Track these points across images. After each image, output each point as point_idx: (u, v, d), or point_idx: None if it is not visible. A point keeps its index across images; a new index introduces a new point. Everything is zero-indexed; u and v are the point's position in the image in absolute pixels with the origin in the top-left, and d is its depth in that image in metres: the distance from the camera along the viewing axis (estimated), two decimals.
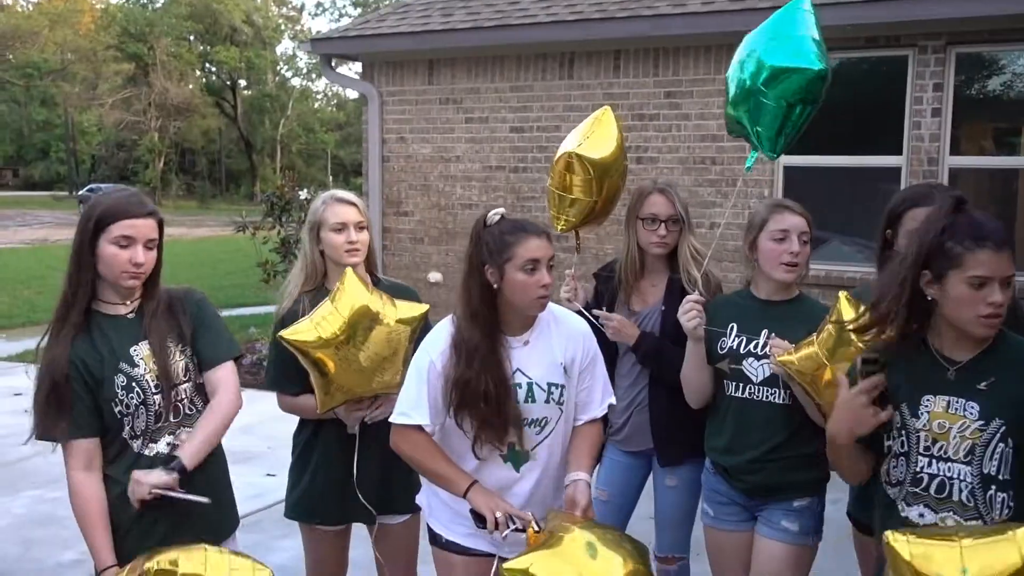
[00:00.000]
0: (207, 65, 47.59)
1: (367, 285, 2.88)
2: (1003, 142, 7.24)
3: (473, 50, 8.47)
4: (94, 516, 2.48)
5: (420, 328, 2.90)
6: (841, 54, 7.15)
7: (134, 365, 2.54)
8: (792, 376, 2.78)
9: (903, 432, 2.24)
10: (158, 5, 46.04)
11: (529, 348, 2.61)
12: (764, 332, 2.93)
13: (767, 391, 2.93)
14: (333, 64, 9.47)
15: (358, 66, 9.46)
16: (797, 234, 2.90)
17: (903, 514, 2.25)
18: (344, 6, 50.83)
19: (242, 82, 48.26)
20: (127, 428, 2.54)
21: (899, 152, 6.98)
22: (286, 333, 2.80)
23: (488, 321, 2.55)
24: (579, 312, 3.08)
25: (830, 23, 7.14)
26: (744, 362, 2.95)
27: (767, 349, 2.91)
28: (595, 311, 3.25)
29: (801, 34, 2.80)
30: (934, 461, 2.19)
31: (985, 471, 2.14)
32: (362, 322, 2.78)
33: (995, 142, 7.25)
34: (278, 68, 51.07)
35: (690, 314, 2.94)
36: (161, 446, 2.58)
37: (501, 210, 2.59)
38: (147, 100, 42.15)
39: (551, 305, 2.65)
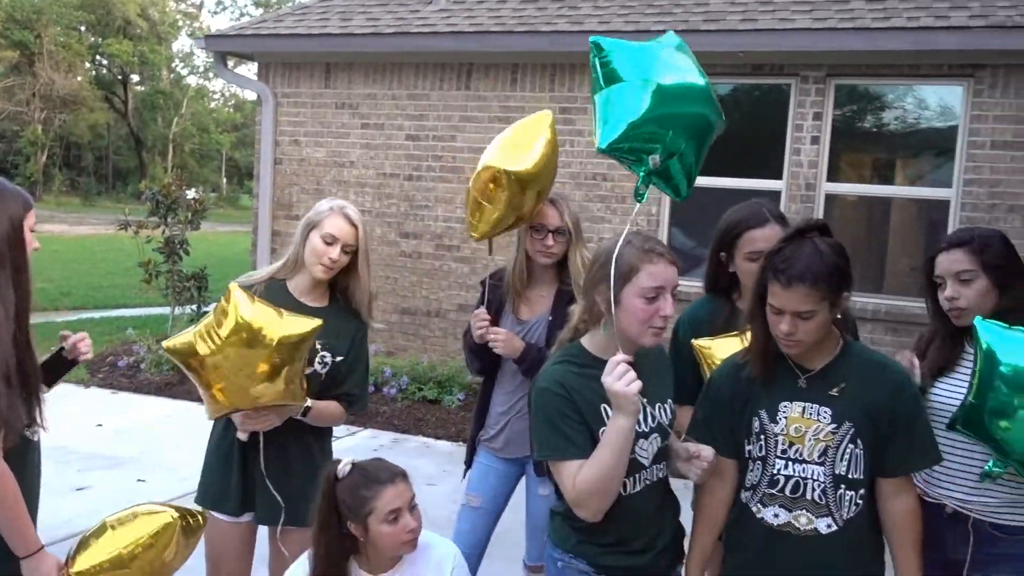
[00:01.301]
0: (98, 57, 45.89)
1: (254, 299, 2.81)
2: (877, 171, 7.61)
3: (371, 56, 8.44)
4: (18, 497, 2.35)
5: (311, 341, 2.86)
6: (729, 80, 7.41)
7: None
8: None
9: (762, 437, 2.37)
10: None
11: None
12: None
13: (656, 469, 2.42)
14: (228, 63, 9.29)
15: (255, 67, 9.29)
16: (671, 288, 2.31)
17: (758, 516, 2.36)
18: (245, 5, 49.86)
19: (134, 77, 46.69)
20: None
21: (779, 176, 7.27)
22: (167, 341, 2.83)
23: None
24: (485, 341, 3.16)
25: (720, 49, 7.44)
26: (636, 446, 2.31)
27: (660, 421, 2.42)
28: (490, 330, 3.20)
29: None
30: (790, 463, 2.32)
31: (837, 471, 2.28)
32: (240, 338, 2.73)
33: (870, 171, 7.62)
34: (173, 65, 49.64)
35: (630, 376, 2.14)
36: None
37: (350, 461, 2.52)
38: (31, 90, 40.39)
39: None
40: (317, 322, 2.83)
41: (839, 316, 2.32)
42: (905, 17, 6.71)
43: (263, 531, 3.14)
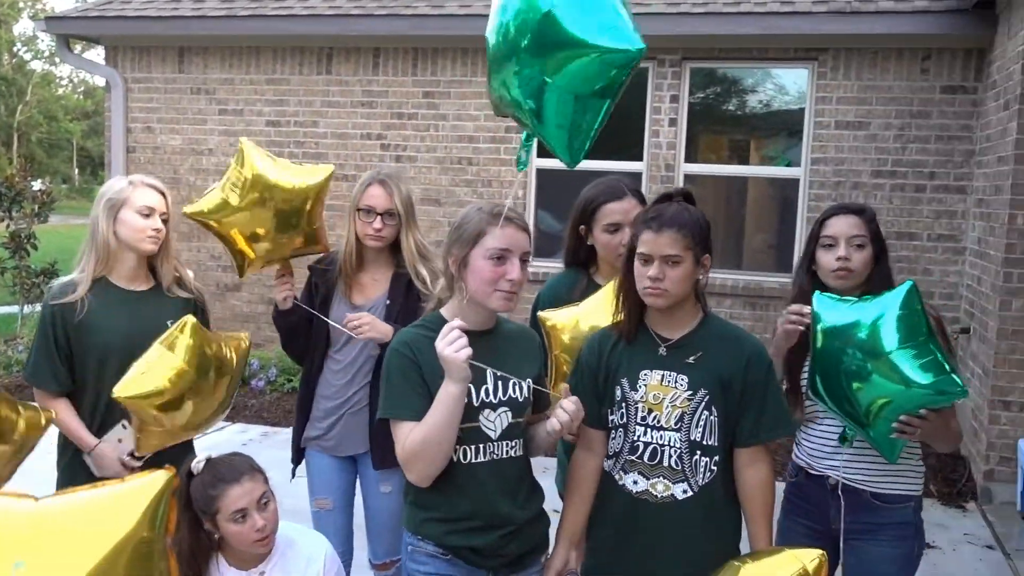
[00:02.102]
0: None
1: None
2: (733, 152, 7.89)
3: (227, 39, 8.17)
4: None
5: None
6: None
7: None
8: None
9: (624, 405, 2.43)
10: None
11: None
12: (489, 373, 2.33)
13: (507, 445, 2.38)
14: (74, 47, 8.82)
15: (104, 51, 8.85)
16: (520, 254, 2.32)
17: (620, 482, 2.43)
18: None
19: None
20: None
21: (640, 158, 7.45)
22: (117, 391, 2.67)
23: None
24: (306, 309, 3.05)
25: None
26: (480, 416, 2.32)
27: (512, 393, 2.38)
28: (349, 317, 3.04)
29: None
30: (649, 430, 2.40)
31: (692, 437, 2.37)
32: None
33: (727, 152, 7.90)
34: (15, 49, 46.79)
35: (460, 343, 2.17)
36: None
37: (205, 458, 2.50)
38: None
39: (284, 528, 2.54)
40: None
41: (699, 282, 2.40)
42: (753, 3, 6.97)
43: None
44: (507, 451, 2.37)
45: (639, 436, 2.41)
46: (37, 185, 8.90)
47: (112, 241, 2.91)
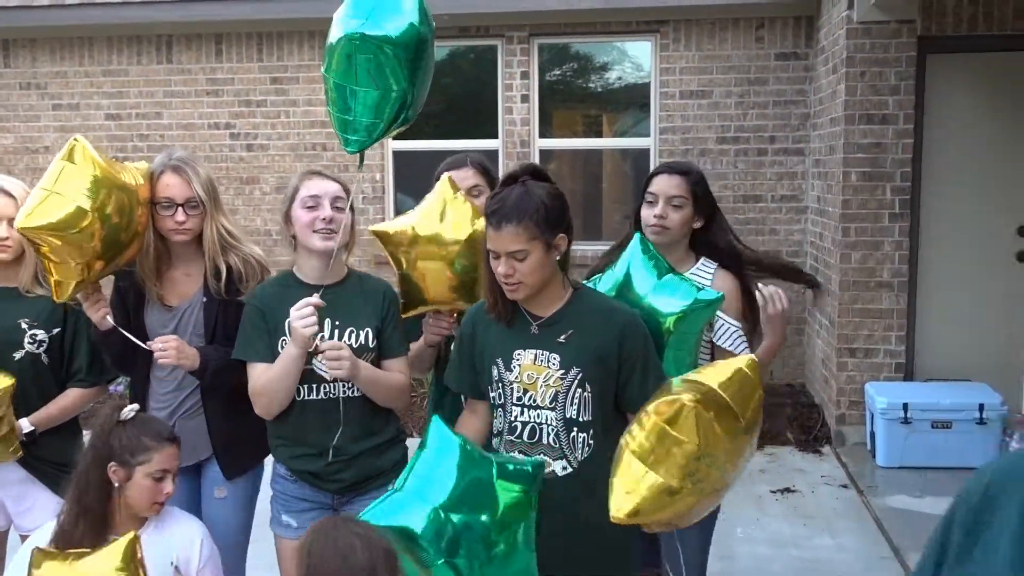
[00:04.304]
0: None
1: None
2: (587, 126, 8.04)
3: (56, 29, 7.73)
4: None
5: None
6: (439, 44, 7.49)
7: None
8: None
9: (500, 385, 2.44)
10: None
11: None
12: (328, 321, 2.64)
13: (343, 386, 2.67)
14: None
15: None
16: (329, 199, 2.64)
17: None
18: None
19: None
20: None
21: (495, 136, 7.49)
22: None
23: (97, 520, 2.44)
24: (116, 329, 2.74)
25: None
26: (315, 361, 2.62)
27: None
28: (150, 343, 2.74)
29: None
30: (525, 410, 2.41)
31: (567, 415, 2.38)
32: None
33: (580, 126, 8.04)
34: None
35: (308, 320, 2.51)
36: None
37: (135, 407, 2.53)
38: None
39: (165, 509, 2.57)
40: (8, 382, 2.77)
41: (559, 260, 2.39)
42: None
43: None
44: (343, 391, 2.67)
45: (516, 416, 2.41)
46: None
47: None
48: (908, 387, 5.72)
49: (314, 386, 2.66)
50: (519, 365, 2.41)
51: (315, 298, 2.51)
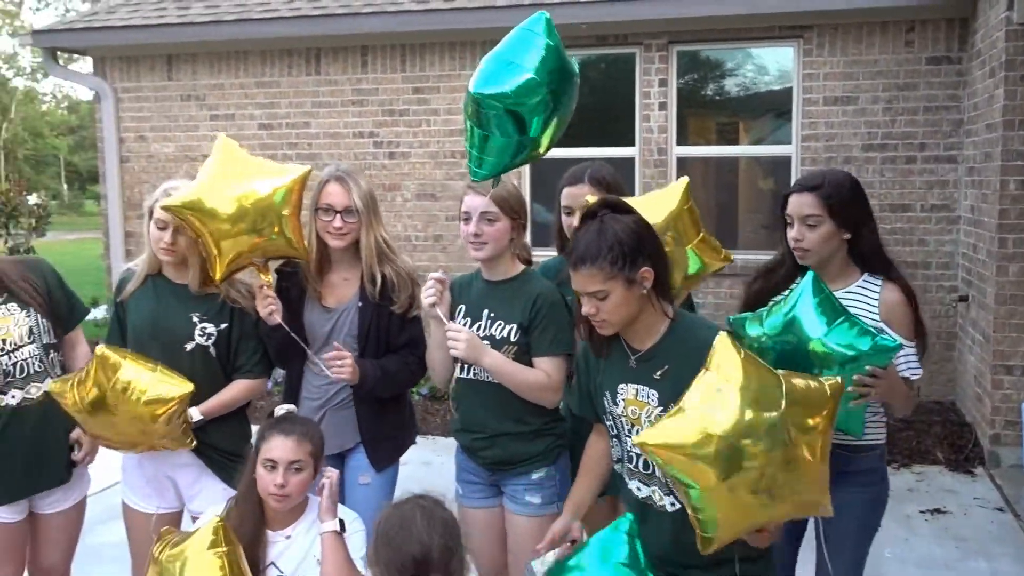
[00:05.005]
0: None
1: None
2: (724, 133, 7.94)
3: (214, 44, 8.19)
4: None
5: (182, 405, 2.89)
6: (576, 52, 7.56)
7: None
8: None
9: (611, 416, 2.45)
10: None
11: (289, 542, 2.66)
12: (485, 312, 2.90)
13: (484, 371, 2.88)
14: (60, 59, 8.83)
15: (90, 63, 8.86)
16: (478, 214, 2.80)
17: (629, 487, 2.45)
18: None
19: None
20: None
21: (632, 144, 7.49)
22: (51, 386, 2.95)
23: (249, 510, 2.64)
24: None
25: (562, 22, 7.52)
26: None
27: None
28: (327, 356, 2.96)
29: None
30: None
31: None
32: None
33: (717, 133, 7.94)
34: None
35: (427, 292, 2.85)
36: (8, 399, 3.00)
37: (288, 407, 2.78)
38: None
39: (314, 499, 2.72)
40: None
41: (647, 291, 2.30)
42: None
43: None
44: (487, 375, 2.87)
45: (629, 447, 2.39)
46: (32, 199, 8.88)
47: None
48: None
49: (466, 366, 2.94)
50: (623, 400, 2.39)
51: (440, 273, 2.87)
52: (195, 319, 3.04)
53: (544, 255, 3.48)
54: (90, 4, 40.73)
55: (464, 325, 2.91)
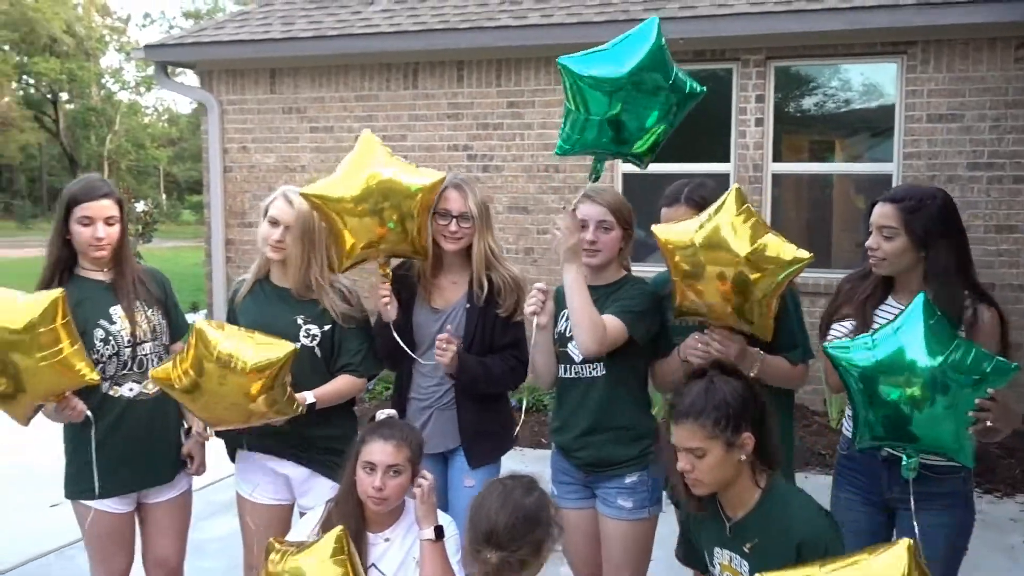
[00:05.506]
0: (24, 77, 44.86)
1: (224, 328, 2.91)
2: (820, 150, 7.82)
3: (316, 59, 8.43)
4: None
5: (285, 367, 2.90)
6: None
7: (112, 322, 3.11)
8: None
9: (713, 574, 2.47)
10: None
11: (388, 544, 2.73)
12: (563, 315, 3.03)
13: (589, 368, 3.02)
14: (168, 72, 9.20)
15: (193, 78, 9.21)
16: (595, 222, 2.97)
17: None
18: (174, 17, 49.09)
19: (64, 95, 45.68)
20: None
21: (727, 159, 7.44)
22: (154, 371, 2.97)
23: (349, 513, 2.68)
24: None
25: None
26: (569, 345, 3.02)
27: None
28: (439, 336, 3.09)
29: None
30: None
31: None
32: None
33: (814, 150, 7.83)
34: (103, 81, 48.64)
35: (530, 301, 2.95)
36: (124, 390, 3.13)
37: (389, 411, 2.86)
38: None
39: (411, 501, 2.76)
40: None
41: (745, 458, 2.28)
42: None
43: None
44: (589, 372, 3.01)
45: None
46: (140, 206, 9.25)
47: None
48: None
49: (567, 366, 3.07)
50: (719, 564, 2.42)
51: (543, 284, 2.95)
52: (299, 321, 3.15)
53: (637, 271, 3.45)
54: (194, 21, 42.31)
55: (567, 331, 3.01)
